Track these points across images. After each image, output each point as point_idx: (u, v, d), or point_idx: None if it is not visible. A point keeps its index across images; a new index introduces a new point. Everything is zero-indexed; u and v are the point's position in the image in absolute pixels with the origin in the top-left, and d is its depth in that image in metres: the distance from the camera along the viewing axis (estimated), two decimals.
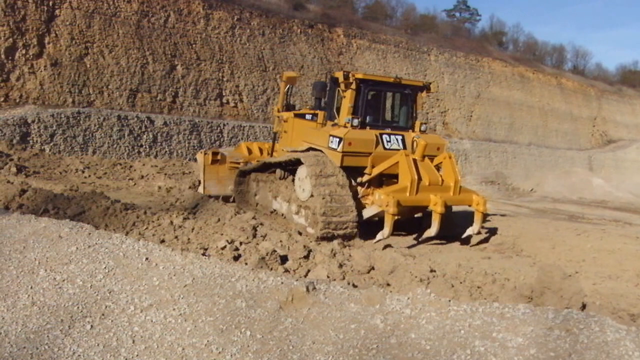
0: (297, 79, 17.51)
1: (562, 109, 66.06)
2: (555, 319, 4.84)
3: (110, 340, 5.09)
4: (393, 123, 14.52)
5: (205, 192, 16.86)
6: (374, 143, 13.30)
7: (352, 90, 13.50)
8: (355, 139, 13.09)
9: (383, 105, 14.48)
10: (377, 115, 14.18)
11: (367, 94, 13.85)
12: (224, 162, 17.37)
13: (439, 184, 12.98)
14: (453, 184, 13.02)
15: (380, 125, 13.95)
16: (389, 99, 14.77)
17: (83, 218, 9.57)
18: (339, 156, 13.06)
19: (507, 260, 11.72)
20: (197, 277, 5.84)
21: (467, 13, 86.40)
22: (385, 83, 14.45)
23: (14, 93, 28.78)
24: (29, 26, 29.76)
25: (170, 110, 34.21)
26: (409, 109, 14.71)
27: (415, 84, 14.91)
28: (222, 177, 17.31)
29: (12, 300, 5.70)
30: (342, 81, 13.53)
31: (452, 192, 13.02)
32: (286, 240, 8.61)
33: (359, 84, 13.59)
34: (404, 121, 14.63)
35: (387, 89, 14.52)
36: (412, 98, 14.67)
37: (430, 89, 14.82)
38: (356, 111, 13.55)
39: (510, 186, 38.62)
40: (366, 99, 13.80)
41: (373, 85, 14.06)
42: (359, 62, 47.37)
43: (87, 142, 29.22)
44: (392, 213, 12.02)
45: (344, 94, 13.71)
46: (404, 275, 7.92)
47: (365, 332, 4.96)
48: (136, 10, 34.38)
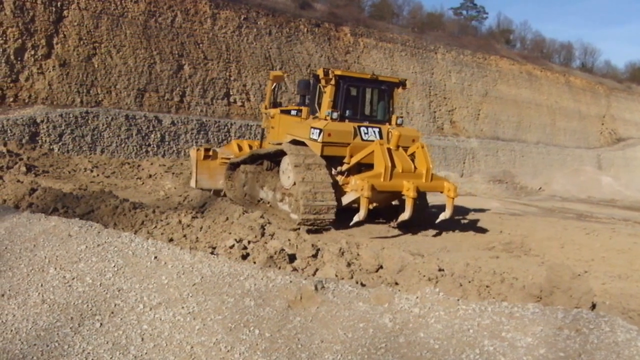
0: (282, 77, 18.49)
1: (571, 107, 65.83)
2: (565, 319, 4.82)
3: (120, 338, 5.10)
4: (371, 116, 15.70)
5: (197, 185, 18.01)
6: (352, 134, 14.47)
7: (331, 86, 14.72)
8: (334, 130, 14.29)
9: (362, 100, 15.83)
10: (355, 109, 15.40)
11: (345, 89, 15.00)
12: (215, 157, 18.52)
13: (412, 171, 14.05)
14: (425, 172, 14.13)
15: (358, 119, 15.16)
16: (367, 95, 16.01)
17: (92, 217, 9.60)
18: (319, 146, 14.23)
19: (516, 259, 11.70)
20: (206, 276, 5.85)
21: (474, 11, 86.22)
22: (363, 79, 15.80)
23: (23, 93, 28.87)
24: (37, 27, 29.84)
25: (178, 110, 34.25)
26: (385, 103, 15.88)
27: (392, 80, 16.24)
28: (214, 172, 18.39)
29: (23, 298, 5.73)
30: (323, 77, 14.76)
31: (424, 178, 14.09)
32: (294, 239, 8.62)
33: (338, 80, 14.80)
34: (381, 115, 15.80)
35: (365, 85, 15.74)
36: (388, 93, 15.85)
37: (405, 85, 16.08)
38: (336, 105, 14.76)
39: (518, 185, 38.52)
40: (345, 94, 14.99)
41: (351, 82, 15.32)
42: (365, 60, 47.31)
43: (95, 142, 29.30)
44: (367, 196, 13.01)
45: (324, 89, 14.92)
46: (413, 275, 7.92)
47: (374, 331, 4.96)
48: (143, 10, 34.43)
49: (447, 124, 52.49)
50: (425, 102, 50.72)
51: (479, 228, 14.99)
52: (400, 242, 12.57)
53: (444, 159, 49.14)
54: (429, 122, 50.70)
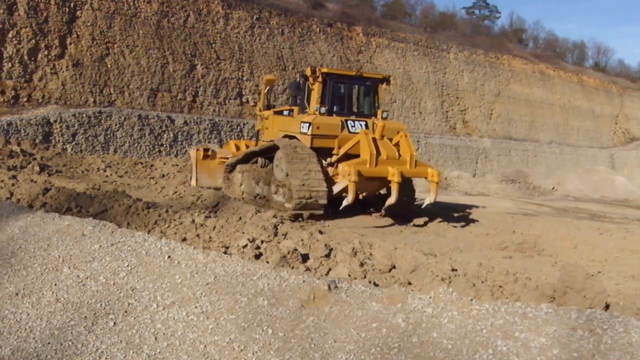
0: (275, 81, 19.99)
1: (584, 107, 65.54)
2: (579, 319, 4.80)
3: (133, 337, 5.12)
4: (357, 111, 16.60)
5: (197, 184, 18.92)
6: (339, 127, 15.35)
7: (319, 83, 15.68)
8: (323, 123, 15.20)
9: (348, 96, 16.67)
10: (342, 105, 16.33)
11: (332, 86, 15.95)
12: (214, 157, 19.57)
13: (396, 158, 14.90)
14: (409, 158, 14.95)
15: (345, 113, 16.08)
16: (353, 91, 16.88)
17: (105, 216, 9.63)
18: (309, 138, 15.11)
19: (529, 259, 11.65)
20: (219, 275, 5.86)
21: (486, 10, 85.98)
22: (349, 76, 16.94)
23: (36, 93, 29.01)
24: (50, 27, 29.97)
25: (191, 110, 34.33)
26: (371, 99, 16.81)
27: (375, 76, 17.30)
28: (213, 171, 19.32)
29: (37, 297, 5.76)
30: (310, 75, 15.76)
31: (409, 165, 14.87)
32: (307, 239, 8.62)
33: (325, 78, 15.79)
34: (367, 109, 16.68)
35: (351, 82, 16.77)
36: (373, 89, 16.80)
37: (389, 81, 17.16)
38: (324, 101, 15.65)
39: (531, 185, 38.38)
40: (332, 91, 15.96)
41: (337, 78, 16.32)
42: (378, 60, 47.27)
43: (108, 142, 29.41)
44: (354, 181, 13.77)
45: (312, 86, 15.91)
46: (426, 275, 7.90)
47: (387, 331, 4.96)
48: (156, 10, 34.52)
49: (460, 124, 52.37)
50: (437, 102, 50.64)
51: (491, 228, 14.94)
52: (413, 242, 12.54)
53: (457, 159, 49.04)
54: (441, 122, 50.61)
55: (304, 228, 10.68)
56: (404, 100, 47.84)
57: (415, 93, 49.03)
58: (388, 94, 46.18)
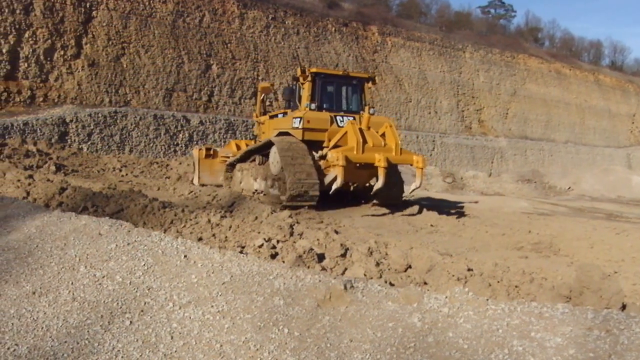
0: (270, 88, 20.84)
1: (600, 106, 65.21)
2: (595, 319, 4.77)
3: (149, 336, 5.13)
4: (346, 108, 17.61)
5: (199, 182, 20.10)
6: (328, 121, 16.35)
7: (309, 82, 16.75)
8: (313, 118, 16.19)
9: (337, 93, 17.73)
10: (332, 102, 17.36)
11: (321, 84, 17.03)
12: (215, 156, 20.64)
13: (382, 146, 15.78)
14: (394, 146, 15.78)
15: (334, 109, 17.06)
16: (341, 89, 17.91)
17: (121, 216, 9.67)
18: (300, 132, 16.10)
19: (545, 259, 11.58)
20: (235, 275, 5.87)
21: (502, 9, 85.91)
22: (336, 75, 17.98)
23: (52, 93, 29.19)
24: (66, 28, 30.16)
25: (206, 109, 34.46)
26: (358, 96, 17.84)
27: (362, 75, 18.33)
28: (214, 170, 20.36)
29: (54, 295, 5.78)
30: (301, 75, 16.99)
31: (394, 152, 15.68)
32: (323, 239, 8.61)
33: (314, 77, 16.87)
34: (355, 106, 17.67)
35: (339, 81, 17.81)
36: (360, 88, 17.83)
37: (375, 80, 18.19)
38: (313, 98, 16.70)
39: (547, 185, 38.22)
40: (321, 89, 17.04)
41: (326, 78, 17.40)
42: (393, 60, 47.26)
43: (123, 141, 29.57)
44: (342, 165, 14.76)
45: (303, 85, 17.00)
46: (441, 274, 7.88)
47: (403, 330, 4.94)
48: (171, 10, 34.66)
49: (475, 123, 52.24)
50: (453, 102, 50.55)
51: (507, 228, 14.88)
52: (428, 241, 12.51)
53: (472, 159, 48.94)
54: (457, 122, 50.51)
55: (319, 228, 10.68)
56: (419, 99, 47.79)
57: (430, 93, 48.97)
58: (404, 94, 46.15)
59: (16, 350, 5.00)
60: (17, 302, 5.75)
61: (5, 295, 5.90)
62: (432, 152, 46.18)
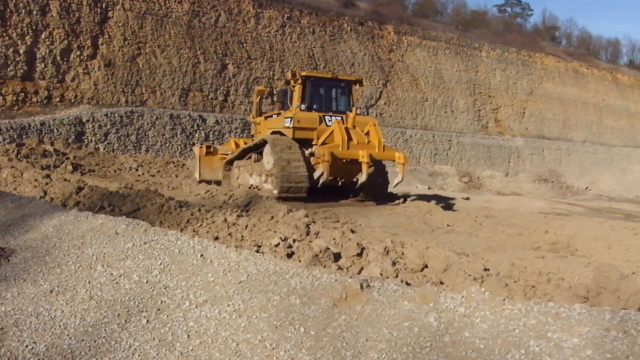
0: (265, 92, 22.67)
1: (618, 105, 64.79)
2: (612, 320, 4.73)
3: (166, 335, 5.15)
4: (334, 108, 18.65)
5: (200, 177, 21.25)
6: (317, 121, 17.47)
7: (299, 84, 17.93)
8: (302, 117, 17.41)
9: (326, 95, 18.86)
10: (321, 103, 18.46)
11: (311, 86, 18.12)
12: (215, 153, 21.71)
13: (366, 143, 17.05)
14: (377, 143, 16.98)
15: (323, 110, 18.13)
16: (330, 91, 19.03)
17: (138, 215, 9.69)
18: (291, 131, 17.31)
19: (562, 259, 11.50)
20: (252, 274, 5.87)
21: (518, 8, 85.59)
22: (325, 78, 19.23)
23: (69, 93, 29.37)
24: (83, 28, 30.35)
25: (222, 109, 34.56)
26: (346, 98, 19.02)
27: (349, 78, 19.70)
28: (214, 166, 21.36)
29: (71, 294, 5.81)
30: (291, 78, 18.18)
31: (377, 149, 16.86)
32: (339, 238, 8.59)
33: (305, 80, 18.02)
34: (343, 107, 18.80)
35: (327, 83, 18.97)
36: (347, 90, 19.00)
37: (362, 83, 19.70)
38: (304, 100, 17.90)
39: (564, 184, 38.03)
40: (311, 91, 18.11)
41: (315, 80, 18.51)
42: (409, 59, 47.19)
43: (140, 141, 29.70)
44: (327, 160, 15.88)
45: (294, 88, 18.16)
46: (458, 274, 7.84)
47: (419, 330, 4.93)
48: (187, 10, 34.77)
49: (492, 123, 52.06)
50: (469, 101, 50.40)
51: (524, 228, 14.80)
52: (444, 241, 12.48)
53: (489, 158, 48.78)
54: (473, 121, 50.36)
55: (335, 227, 10.67)
56: (435, 99, 47.70)
57: (447, 92, 48.86)
58: (420, 93, 46.07)
59: (34, 348, 5.04)
60: (35, 300, 5.78)
61: (24, 293, 5.94)
62: (448, 151, 46.11)
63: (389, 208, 16.36)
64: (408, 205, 16.88)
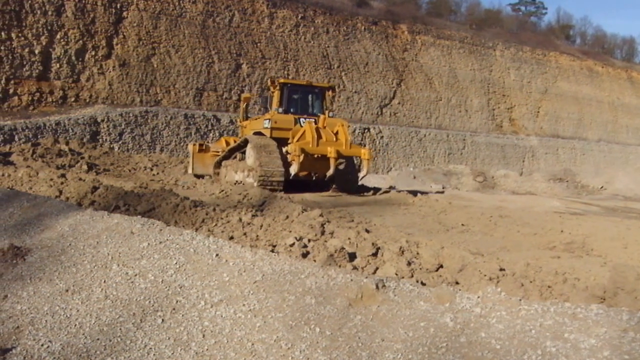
0: (251, 98, 24.73)
1: (633, 104, 64.35)
2: (630, 321, 4.69)
3: (181, 334, 5.15)
4: (309, 112, 21.00)
5: (193, 172, 23.34)
6: (292, 122, 19.74)
7: (277, 90, 20.50)
8: (279, 119, 19.76)
9: (301, 100, 21.24)
10: (297, 107, 20.85)
11: (288, 92, 20.59)
12: (207, 150, 23.79)
13: (334, 141, 19.22)
14: (344, 141, 19.28)
15: (299, 113, 20.49)
16: (306, 96, 21.44)
17: (153, 215, 9.72)
18: (269, 131, 19.56)
19: (577, 259, 11.44)
20: (267, 274, 5.86)
21: (532, 7, 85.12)
22: (301, 85, 21.99)
23: (84, 93, 29.52)
24: (97, 28, 30.48)
25: (236, 109, 34.50)
26: (320, 102, 21.45)
27: (323, 85, 22.52)
28: (206, 162, 23.28)
29: (87, 293, 5.83)
30: (271, 85, 20.75)
31: (344, 146, 19.20)
32: (354, 238, 8.58)
33: (282, 86, 20.58)
34: (317, 110, 21.19)
35: (303, 89, 21.60)
36: (321, 95, 21.51)
37: (335, 90, 22.35)
38: (281, 104, 20.39)
39: (579, 184, 37.84)
40: (288, 96, 20.56)
41: (292, 87, 21.14)
42: (423, 58, 47.11)
43: (154, 141, 29.81)
44: (298, 155, 18.34)
45: (273, 93, 20.72)
46: (473, 274, 7.81)
47: (435, 330, 4.91)
48: (201, 10, 34.86)
49: (506, 122, 51.89)
50: (483, 100, 50.24)
51: (539, 228, 14.74)
52: (460, 241, 12.44)
53: (503, 158, 48.61)
54: (487, 120, 50.21)
55: (350, 227, 10.66)
56: (449, 98, 47.60)
57: (461, 91, 48.73)
58: (434, 92, 46.00)
59: (50, 347, 5.05)
60: (51, 299, 5.81)
61: (39, 292, 5.96)
62: (462, 150, 45.98)
63: (403, 208, 16.35)
64: (422, 204, 17.01)
